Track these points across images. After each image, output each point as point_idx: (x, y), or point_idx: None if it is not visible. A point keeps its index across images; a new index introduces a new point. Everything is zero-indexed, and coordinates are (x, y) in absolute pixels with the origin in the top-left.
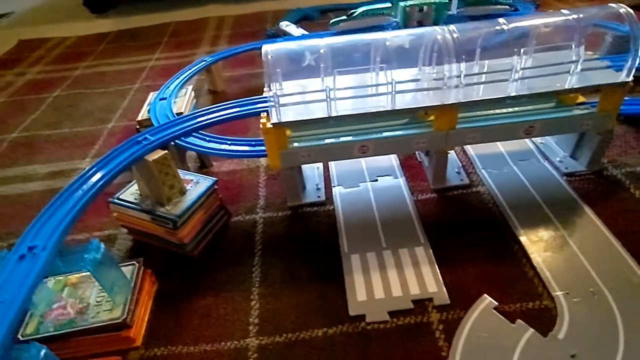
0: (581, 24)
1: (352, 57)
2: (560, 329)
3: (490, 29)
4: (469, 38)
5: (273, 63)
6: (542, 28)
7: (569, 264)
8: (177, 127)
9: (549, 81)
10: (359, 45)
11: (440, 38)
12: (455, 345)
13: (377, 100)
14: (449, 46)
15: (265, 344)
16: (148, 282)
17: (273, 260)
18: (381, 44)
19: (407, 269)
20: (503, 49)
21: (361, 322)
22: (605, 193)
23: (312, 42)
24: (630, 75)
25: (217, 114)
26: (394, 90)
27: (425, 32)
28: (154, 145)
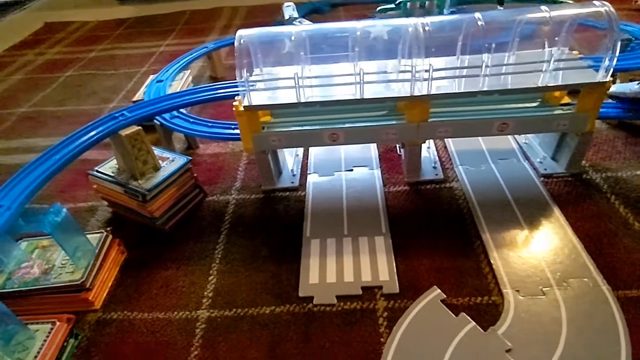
0: (557, 22)
1: (329, 46)
2: (502, 325)
3: (466, 24)
4: (441, 32)
5: (245, 48)
6: (517, 25)
7: (526, 263)
8: (153, 106)
9: (524, 78)
10: (336, 34)
11: (412, 31)
12: (394, 332)
13: (349, 89)
14: (420, 40)
15: (214, 316)
16: (115, 251)
17: (237, 239)
18: (359, 34)
19: (363, 256)
20: (476, 44)
21: (309, 303)
22: (579, 196)
23: (289, 30)
24: (607, 76)
25: (194, 96)
26: (362, 80)
27: (401, 25)
28: (129, 121)
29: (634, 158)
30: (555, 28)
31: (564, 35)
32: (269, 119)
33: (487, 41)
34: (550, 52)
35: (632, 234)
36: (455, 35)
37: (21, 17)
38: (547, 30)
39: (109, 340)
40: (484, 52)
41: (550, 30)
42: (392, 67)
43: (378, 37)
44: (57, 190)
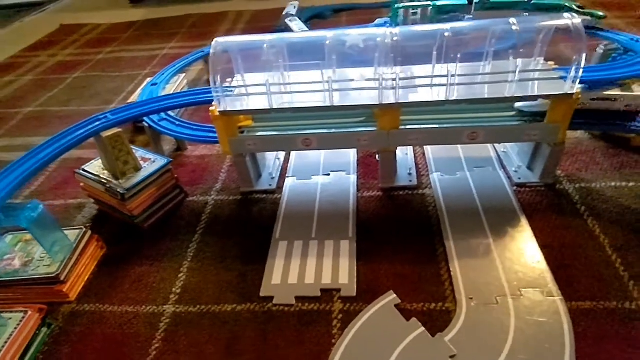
0: (524, 33)
1: (307, 54)
2: (450, 331)
3: (434, 34)
4: (412, 42)
5: (219, 56)
6: (483, 35)
7: (484, 271)
8: (135, 109)
9: (493, 89)
10: (312, 43)
11: (380, 41)
12: (345, 334)
13: (320, 96)
14: (387, 49)
15: (179, 311)
16: (94, 246)
17: (210, 239)
18: (331, 43)
19: (327, 259)
20: (448, 54)
21: (269, 303)
22: (549, 206)
23: (268, 38)
24: (574, 87)
25: (175, 100)
26: (330, 88)
27: (373, 34)
28: (112, 123)
29: (611, 169)
30: (525, 40)
31: (539, 46)
32: (250, 123)
33: (458, 51)
34: (515, 62)
35: (595, 246)
36: (425, 45)
37: (39, 19)
38: (512, 42)
39: (79, 330)
40: (452, 62)
41: (520, 42)
42: (366, 75)
43: (353, 45)
44: (51, 187)
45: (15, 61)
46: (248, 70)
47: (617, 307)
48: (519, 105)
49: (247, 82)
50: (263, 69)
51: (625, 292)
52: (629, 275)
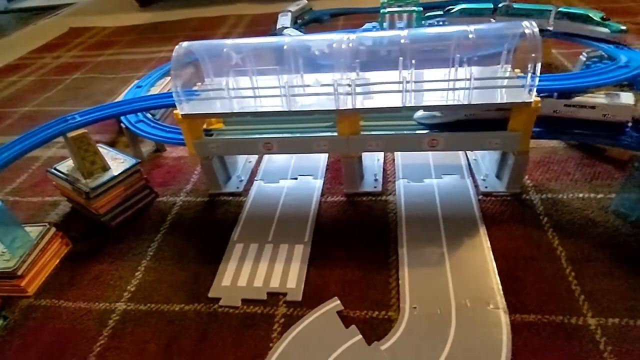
0: (479, 40)
1: (269, 58)
2: (388, 340)
3: (392, 40)
4: (367, 48)
5: (180, 60)
6: (442, 42)
7: (433, 280)
8: (103, 111)
9: (450, 96)
10: (276, 48)
11: (336, 46)
12: (283, 339)
13: (278, 100)
14: (343, 54)
15: (129, 309)
16: (57, 243)
17: (172, 239)
18: (294, 48)
19: (278, 263)
20: (399, 60)
21: (215, 304)
22: (511, 216)
23: (235, 42)
24: (532, 96)
25: (143, 103)
26: (287, 92)
27: (332, 40)
28: (78, 124)
29: (582, 180)
30: (486, 47)
31: (505, 54)
32: (220, 126)
33: (414, 58)
34: (470, 70)
35: (550, 258)
36: (385, 51)
37: (51, 22)
38: (475, 49)
39: (32, 324)
40: (409, 68)
41: (480, 49)
42: (325, 80)
43: (313, 51)
44: (32, 184)
45: (21, 62)
46: (216, 74)
47: (563, 321)
48: (416, 116)
49: (215, 86)
50: (228, 73)
51: (573, 307)
52: (580, 289)
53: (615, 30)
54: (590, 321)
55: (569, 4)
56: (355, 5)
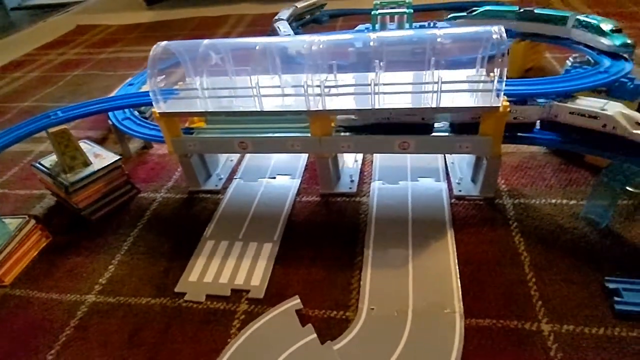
0: (450, 44)
1: (244, 58)
2: (341, 340)
3: (359, 41)
4: (333, 49)
5: (156, 59)
6: (406, 46)
7: (393, 282)
8: (84, 108)
9: (418, 99)
10: (250, 47)
11: (305, 47)
12: (240, 335)
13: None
14: (314, 55)
15: (98, 301)
16: (37, 235)
17: (147, 234)
18: (272, 49)
19: (246, 260)
20: (366, 63)
21: (181, 299)
22: (481, 221)
23: (214, 43)
24: (498, 100)
25: (124, 100)
26: (258, 93)
27: (303, 40)
28: (60, 120)
29: (557, 186)
30: (455, 50)
31: (480, 59)
32: (202, 125)
33: (384, 60)
34: (438, 73)
35: (514, 264)
36: (354, 53)
37: (60, 19)
38: (444, 52)
39: (5, 313)
40: (378, 70)
41: (450, 53)
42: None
43: (291, 51)
44: (22, 177)
45: (27, 59)
46: (196, 73)
47: (517, 327)
48: (339, 119)
49: (191, 85)
50: (207, 72)
51: (529, 313)
52: (539, 295)
53: (620, 44)
54: (544, 327)
55: (573, 9)
56: (355, 6)
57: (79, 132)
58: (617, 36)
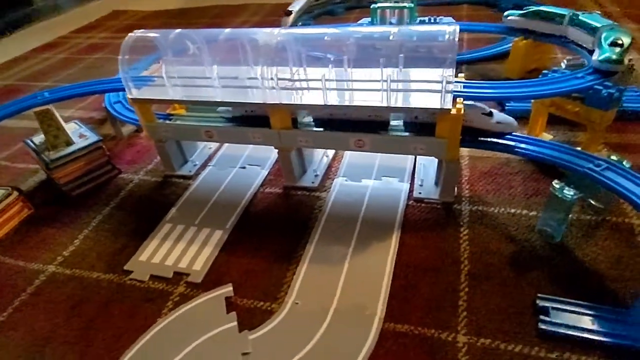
0: (405, 44)
1: (229, 50)
2: (259, 331)
3: (318, 37)
4: (296, 44)
5: (128, 47)
6: (365, 42)
7: (325, 279)
8: (70, 90)
9: (369, 97)
10: (218, 38)
11: (264, 41)
12: (169, 315)
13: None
14: (269, 49)
15: (56, 272)
16: (18, 206)
17: (117, 213)
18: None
19: (194, 245)
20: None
21: (127, 276)
22: (432, 225)
23: (191, 33)
24: (443, 103)
25: (105, 85)
26: (218, 84)
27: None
28: (45, 101)
29: (521, 195)
30: (414, 49)
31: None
32: (182, 112)
33: (335, 56)
34: (386, 71)
35: (452, 272)
36: (310, 47)
37: (100, 4)
38: (396, 51)
39: None
40: (330, 66)
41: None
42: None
43: (267, 44)
44: (25, 152)
45: (59, 41)
46: (173, 62)
47: (433, 335)
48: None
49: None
50: (179, 61)
51: (450, 323)
52: (466, 305)
53: (602, 59)
54: (460, 338)
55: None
56: None
57: (85, 113)
58: (606, 49)
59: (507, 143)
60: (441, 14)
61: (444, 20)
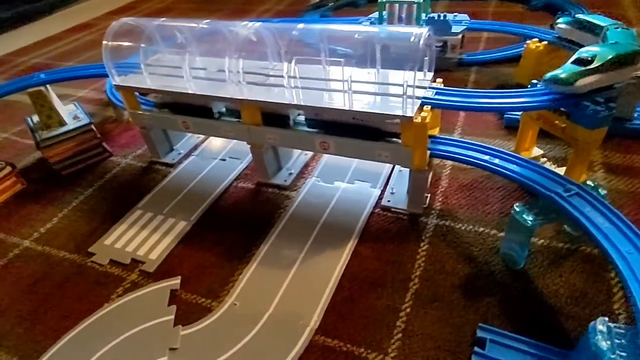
0: (375, 43)
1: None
2: (192, 327)
3: (287, 31)
4: (262, 37)
5: (112, 34)
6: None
7: (268, 283)
8: (65, 73)
9: (334, 98)
10: (215, 32)
11: (232, 34)
12: (115, 301)
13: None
14: (237, 42)
15: (29, 247)
16: (12, 181)
17: (97, 195)
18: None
19: (156, 234)
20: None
21: (89, 259)
22: (393, 237)
23: (177, 24)
24: (406, 111)
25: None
26: (190, 75)
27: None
28: (40, 82)
29: (496, 213)
30: (384, 49)
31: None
32: None
33: (303, 52)
34: (346, 71)
35: (399, 289)
36: (276, 43)
37: None
38: (359, 50)
39: None
40: (295, 63)
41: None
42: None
43: (236, 36)
44: None
45: (92, 22)
46: (144, 52)
47: (362, 355)
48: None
49: (163, 62)
50: (157, 51)
51: (382, 343)
52: (403, 327)
53: (547, 77)
54: None
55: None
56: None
57: (96, 94)
58: (567, 67)
59: (471, 154)
60: (468, 10)
61: (458, 17)
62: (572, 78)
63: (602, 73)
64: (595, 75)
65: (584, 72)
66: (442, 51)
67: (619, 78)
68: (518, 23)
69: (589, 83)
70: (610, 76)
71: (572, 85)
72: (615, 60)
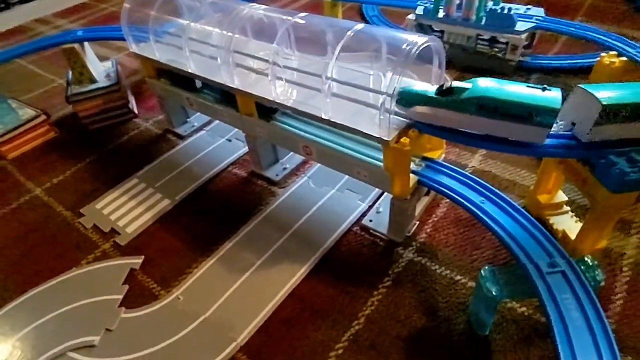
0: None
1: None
2: (134, 312)
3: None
4: (262, 24)
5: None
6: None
7: (217, 284)
8: (102, 32)
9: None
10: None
11: (232, 17)
12: (79, 268)
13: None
14: (231, 26)
15: (39, 196)
16: (45, 128)
17: (108, 157)
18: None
19: (140, 207)
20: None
21: (79, 218)
22: (360, 263)
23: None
24: (381, 131)
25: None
26: (188, 52)
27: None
28: (76, 38)
29: (484, 261)
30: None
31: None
32: None
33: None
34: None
35: (339, 326)
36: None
37: None
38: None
39: None
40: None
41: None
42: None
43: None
44: None
45: None
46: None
47: None
48: None
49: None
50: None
51: None
52: None
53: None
54: None
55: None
56: None
57: None
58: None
59: (462, 192)
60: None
61: (530, 11)
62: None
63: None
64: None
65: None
66: (501, 51)
67: None
68: (610, 25)
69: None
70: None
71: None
72: None
